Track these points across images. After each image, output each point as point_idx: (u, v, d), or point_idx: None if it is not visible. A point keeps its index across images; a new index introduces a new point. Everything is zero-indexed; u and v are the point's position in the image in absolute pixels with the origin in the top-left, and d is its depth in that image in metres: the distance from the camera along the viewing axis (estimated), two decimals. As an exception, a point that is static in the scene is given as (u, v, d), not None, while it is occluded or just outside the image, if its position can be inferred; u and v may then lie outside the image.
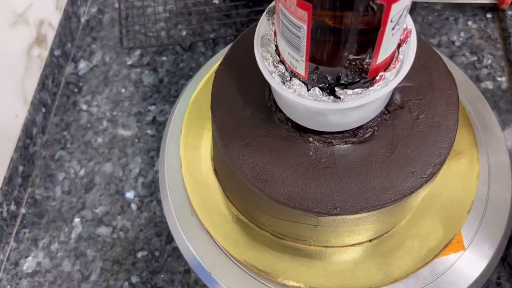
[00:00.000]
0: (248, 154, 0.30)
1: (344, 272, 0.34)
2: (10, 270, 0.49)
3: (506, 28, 0.61)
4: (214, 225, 0.37)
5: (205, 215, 0.38)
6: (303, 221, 0.30)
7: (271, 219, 0.34)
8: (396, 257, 0.34)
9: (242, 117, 0.32)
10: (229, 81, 0.33)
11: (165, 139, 0.43)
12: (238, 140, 0.31)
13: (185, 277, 0.47)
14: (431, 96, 0.32)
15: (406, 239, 0.35)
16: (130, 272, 0.48)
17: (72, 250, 0.50)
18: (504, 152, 0.40)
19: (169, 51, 0.63)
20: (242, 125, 0.32)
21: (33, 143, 0.55)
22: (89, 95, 0.60)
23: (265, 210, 0.33)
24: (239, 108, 0.32)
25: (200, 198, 0.39)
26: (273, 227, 0.35)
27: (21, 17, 0.53)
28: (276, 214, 0.32)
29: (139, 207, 0.52)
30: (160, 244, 0.49)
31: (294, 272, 0.34)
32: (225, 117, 0.32)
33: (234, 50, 0.35)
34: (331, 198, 0.28)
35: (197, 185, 0.39)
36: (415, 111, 0.31)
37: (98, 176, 0.54)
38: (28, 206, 0.53)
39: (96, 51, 0.64)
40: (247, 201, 0.35)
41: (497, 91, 0.57)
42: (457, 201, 0.36)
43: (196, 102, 0.43)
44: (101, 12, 0.68)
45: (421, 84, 0.32)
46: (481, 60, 0.60)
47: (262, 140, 0.31)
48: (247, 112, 0.32)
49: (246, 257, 0.35)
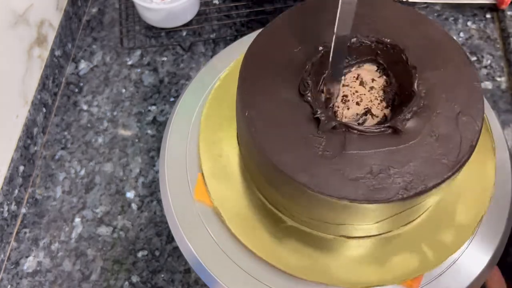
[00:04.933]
0: (273, 136, 0.31)
1: (349, 265, 0.35)
2: (10, 270, 0.49)
3: (505, 28, 0.61)
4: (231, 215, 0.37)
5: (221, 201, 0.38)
6: (321, 203, 0.31)
7: (286, 196, 0.34)
8: (399, 257, 0.35)
9: (277, 101, 0.33)
10: (259, 70, 0.34)
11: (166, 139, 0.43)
12: (267, 123, 0.32)
13: (185, 277, 0.48)
14: (456, 96, 0.32)
15: (414, 240, 0.35)
16: (130, 271, 0.48)
17: (73, 250, 0.50)
18: (504, 152, 0.40)
19: (169, 51, 0.63)
20: (275, 111, 0.32)
21: (33, 143, 0.55)
22: (89, 95, 0.60)
23: (278, 185, 0.33)
24: (272, 95, 0.33)
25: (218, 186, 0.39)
26: (293, 211, 0.35)
27: (22, 18, 0.53)
28: (293, 195, 0.32)
29: (139, 207, 0.52)
30: (161, 244, 0.49)
31: (295, 263, 0.35)
32: (253, 86, 0.33)
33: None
34: (356, 186, 0.29)
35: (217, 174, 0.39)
36: (442, 110, 0.32)
37: (99, 176, 0.54)
38: (29, 206, 0.53)
39: (96, 51, 0.64)
40: (270, 185, 0.35)
41: (496, 91, 0.57)
42: (469, 208, 0.36)
43: (214, 99, 0.43)
44: (101, 12, 0.68)
45: (448, 83, 0.33)
46: (481, 60, 0.60)
47: (293, 127, 0.31)
48: (282, 95, 0.33)
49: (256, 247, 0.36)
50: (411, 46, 0.34)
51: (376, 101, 0.35)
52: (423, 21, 0.36)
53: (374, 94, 0.35)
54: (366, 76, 0.36)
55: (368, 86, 0.35)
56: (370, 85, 0.35)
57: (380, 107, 0.34)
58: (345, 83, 0.36)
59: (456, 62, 0.34)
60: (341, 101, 0.35)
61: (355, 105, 0.35)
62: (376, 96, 0.35)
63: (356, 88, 0.35)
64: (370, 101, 0.35)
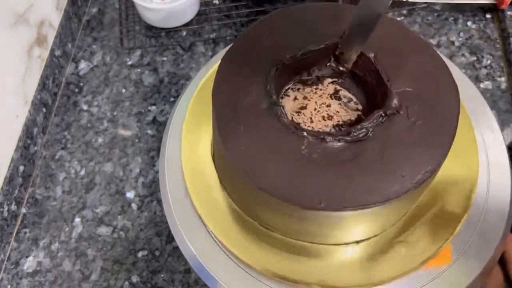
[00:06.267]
0: (241, 140, 0.31)
1: (327, 269, 0.34)
2: (10, 270, 0.49)
3: (505, 29, 0.61)
4: (215, 222, 0.37)
5: (205, 210, 0.38)
6: (288, 212, 0.30)
7: (260, 210, 0.34)
8: (380, 262, 0.34)
9: (241, 104, 0.32)
10: (233, 69, 0.34)
11: (166, 139, 0.43)
12: (234, 125, 0.31)
13: (185, 277, 0.48)
14: (431, 103, 0.32)
15: (393, 244, 0.35)
16: (130, 271, 0.48)
17: (73, 250, 0.50)
18: (504, 153, 0.40)
19: (169, 51, 0.63)
20: (240, 112, 0.32)
21: (33, 143, 0.55)
22: (89, 95, 0.60)
23: (253, 199, 0.33)
24: (240, 95, 0.33)
25: (199, 191, 0.39)
26: (265, 219, 0.35)
27: (22, 18, 0.53)
28: (263, 205, 0.32)
29: (139, 207, 0.52)
30: (161, 244, 0.49)
31: (278, 267, 0.35)
32: (225, 102, 0.33)
33: (241, 40, 0.36)
34: (317, 193, 0.28)
35: (197, 182, 0.39)
36: (413, 117, 0.31)
37: (99, 176, 0.54)
38: (29, 206, 0.53)
39: (96, 51, 0.64)
40: (238, 189, 0.35)
41: (496, 91, 0.57)
42: (452, 210, 0.36)
43: (196, 102, 0.43)
44: (101, 12, 0.68)
45: (422, 90, 0.32)
46: (481, 60, 0.60)
47: (257, 129, 0.31)
48: (247, 100, 0.32)
49: (240, 253, 0.36)
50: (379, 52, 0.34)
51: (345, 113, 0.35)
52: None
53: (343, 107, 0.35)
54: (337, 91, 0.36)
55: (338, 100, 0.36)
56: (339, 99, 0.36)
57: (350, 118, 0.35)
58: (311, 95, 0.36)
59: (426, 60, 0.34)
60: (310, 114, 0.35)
61: (322, 120, 0.35)
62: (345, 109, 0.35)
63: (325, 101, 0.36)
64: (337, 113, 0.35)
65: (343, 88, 0.37)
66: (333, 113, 0.35)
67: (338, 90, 0.37)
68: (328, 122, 0.35)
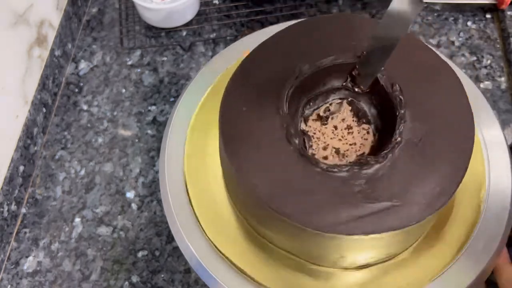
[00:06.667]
0: (252, 162, 0.31)
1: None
2: (10, 270, 0.49)
3: (505, 29, 0.61)
4: (217, 232, 0.37)
5: (210, 225, 0.38)
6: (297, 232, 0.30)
7: (268, 230, 0.34)
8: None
9: (252, 126, 0.32)
10: (242, 87, 0.34)
11: (166, 139, 0.43)
12: (244, 148, 0.31)
13: (185, 277, 0.48)
14: (445, 128, 0.32)
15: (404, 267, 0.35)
16: (130, 271, 0.48)
17: (73, 250, 0.50)
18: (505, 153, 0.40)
19: (169, 51, 0.63)
20: (251, 132, 0.32)
21: (33, 143, 0.55)
22: (89, 95, 0.60)
23: (268, 224, 0.33)
24: (250, 115, 0.32)
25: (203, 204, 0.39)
26: (275, 239, 0.35)
27: (22, 18, 0.53)
28: (273, 226, 0.32)
29: (139, 207, 0.52)
30: (161, 244, 0.49)
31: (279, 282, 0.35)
32: (233, 123, 0.32)
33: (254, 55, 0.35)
34: (330, 215, 0.29)
35: (202, 195, 0.39)
36: (426, 142, 0.31)
37: (99, 176, 0.54)
38: (29, 206, 0.53)
39: (96, 51, 0.64)
40: (249, 208, 0.35)
41: (496, 91, 0.57)
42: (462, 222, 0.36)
43: (203, 107, 0.43)
44: (101, 12, 0.68)
45: (436, 114, 0.32)
46: (481, 60, 0.60)
47: (269, 152, 0.31)
48: (257, 121, 0.32)
49: (241, 263, 0.36)
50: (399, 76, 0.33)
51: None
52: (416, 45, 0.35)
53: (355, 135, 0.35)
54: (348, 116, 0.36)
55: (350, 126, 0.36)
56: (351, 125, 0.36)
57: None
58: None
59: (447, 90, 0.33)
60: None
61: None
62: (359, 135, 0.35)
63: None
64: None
65: (356, 107, 0.36)
66: (348, 136, 0.35)
67: (354, 110, 0.36)
68: (344, 147, 0.35)
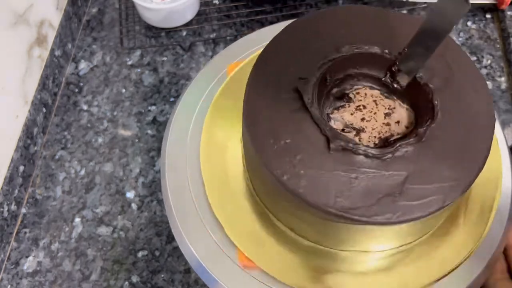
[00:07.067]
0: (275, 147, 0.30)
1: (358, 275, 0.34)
2: (10, 270, 0.49)
3: (505, 29, 0.61)
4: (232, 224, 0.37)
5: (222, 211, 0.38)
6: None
7: (287, 211, 0.34)
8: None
9: (275, 105, 0.32)
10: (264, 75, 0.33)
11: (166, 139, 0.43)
12: (269, 137, 0.31)
13: (185, 277, 0.48)
14: (467, 119, 0.32)
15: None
16: (130, 271, 0.48)
17: (73, 250, 0.50)
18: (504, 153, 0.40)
19: (169, 51, 0.63)
20: (274, 116, 0.31)
21: (33, 143, 0.55)
22: (89, 95, 0.60)
23: (284, 204, 0.33)
24: (275, 102, 0.32)
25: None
26: (292, 222, 0.35)
27: (22, 18, 0.53)
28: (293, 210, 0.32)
29: (139, 207, 0.52)
30: (161, 244, 0.49)
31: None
32: (258, 113, 0.32)
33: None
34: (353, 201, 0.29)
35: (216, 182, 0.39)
36: (448, 136, 0.31)
37: (99, 176, 0.54)
38: (29, 206, 0.53)
39: (96, 51, 0.64)
40: (270, 194, 0.35)
41: (496, 91, 0.57)
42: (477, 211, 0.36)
43: (222, 98, 0.42)
44: (101, 12, 0.68)
45: (461, 110, 0.32)
46: (481, 60, 0.60)
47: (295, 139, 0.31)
48: (283, 105, 0.32)
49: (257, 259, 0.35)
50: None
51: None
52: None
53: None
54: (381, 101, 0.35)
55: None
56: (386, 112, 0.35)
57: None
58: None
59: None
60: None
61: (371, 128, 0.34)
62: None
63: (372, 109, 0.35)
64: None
65: (389, 99, 0.36)
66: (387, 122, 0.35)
67: (390, 106, 0.35)
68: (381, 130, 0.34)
